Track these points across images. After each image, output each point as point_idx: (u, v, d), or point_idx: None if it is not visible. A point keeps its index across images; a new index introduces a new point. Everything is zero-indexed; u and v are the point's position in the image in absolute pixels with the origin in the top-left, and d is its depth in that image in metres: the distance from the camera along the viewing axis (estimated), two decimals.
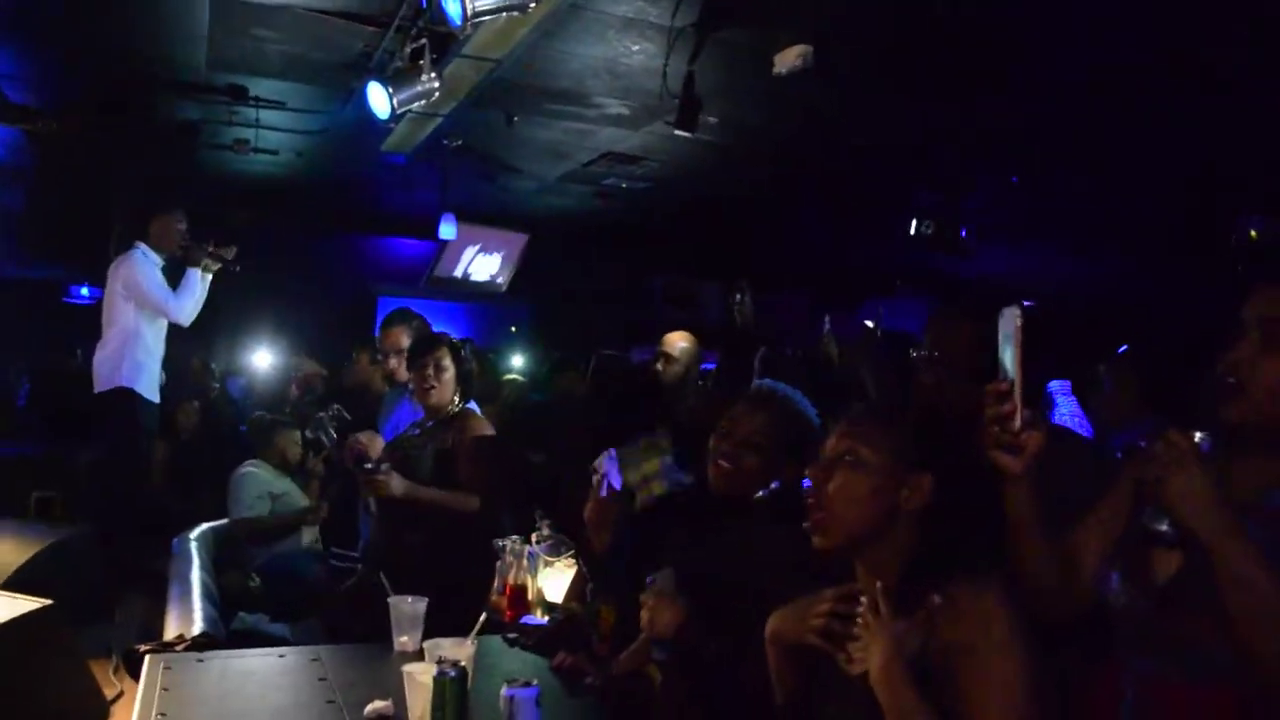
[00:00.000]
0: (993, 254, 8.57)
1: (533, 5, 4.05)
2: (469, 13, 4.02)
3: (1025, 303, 1.78)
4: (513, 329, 12.53)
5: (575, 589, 3.22)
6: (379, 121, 5.86)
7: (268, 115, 7.63)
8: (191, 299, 6.05)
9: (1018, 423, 1.74)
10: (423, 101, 5.30)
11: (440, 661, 2.15)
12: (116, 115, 7.78)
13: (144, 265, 6.00)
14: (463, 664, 2.13)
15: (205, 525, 5.84)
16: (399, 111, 5.26)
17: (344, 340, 10.71)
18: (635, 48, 5.97)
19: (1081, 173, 7.65)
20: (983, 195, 8.07)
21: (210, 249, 6.18)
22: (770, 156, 8.10)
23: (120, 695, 3.57)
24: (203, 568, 4.84)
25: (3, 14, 6.19)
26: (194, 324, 6.20)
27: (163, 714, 2.23)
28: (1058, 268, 10.60)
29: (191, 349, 11.79)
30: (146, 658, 2.62)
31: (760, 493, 2.39)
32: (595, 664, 2.65)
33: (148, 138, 8.17)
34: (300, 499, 5.78)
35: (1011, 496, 1.80)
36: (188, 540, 5.46)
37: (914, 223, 7.91)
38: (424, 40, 5.21)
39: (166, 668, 2.53)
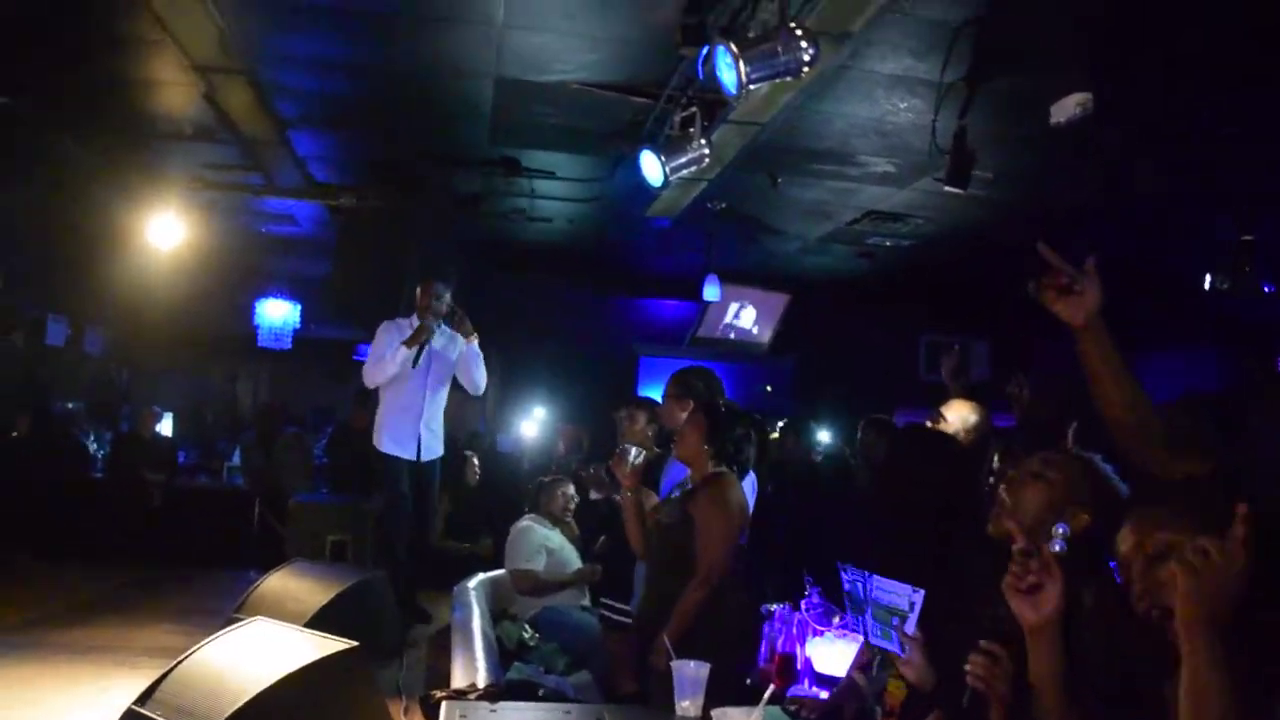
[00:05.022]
0: None
1: (805, 71, 4.06)
2: (744, 82, 4.08)
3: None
4: (768, 389, 12.52)
5: (860, 659, 3.12)
6: (649, 188, 6.05)
7: (541, 185, 8.05)
8: (378, 362, 6.28)
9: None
10: (693, 167, 5.42)
11: None
12: (408, 189, 8.43)
13: (383, 329, 6.41)
14: None
15: (482, 575, 6.12)
16: (671, 178, 5.41)
17: (607, 398, 11.09)
18: (903, 104, 5.91)
19: None
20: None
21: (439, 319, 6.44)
22: (1044, 207, 7.78)
23: None
24: (483, 617, 5.04)
25: (312, 104, 6.88)
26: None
27: None
28: None
29: (469, 407, 12.56)
30: (444, 704, 2.75)
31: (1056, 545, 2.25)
32: None
33: (436, 209, 8.79)
34: (573, 553, 5.96)
35: None
36: (467, 589, 5.74)
37: (1209, 277, 7.36)
38: (694, 109, 5.34)
39: (463, 716, 2.64)
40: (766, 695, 2.42)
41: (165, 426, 9.95)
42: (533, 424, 11.99)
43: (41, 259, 8.89)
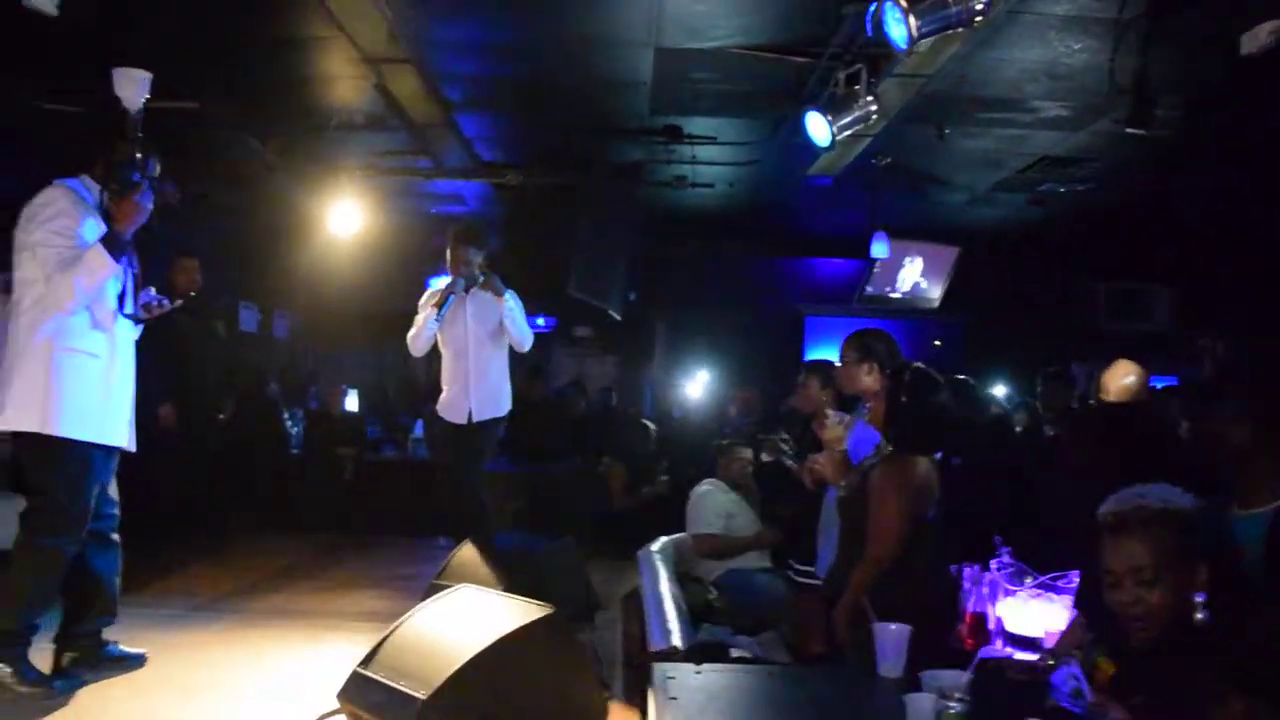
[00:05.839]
0: None
1: (978, 21, 3.95)
2: (914, 36, 4.00)
3: None
4: (936, 343, 12.24)
5: (1073, 635, 3.05)
6: (814, 148, 5.99)
7: (702, 151, 8.07)
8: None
9: None
10: (860, 125, 5.35)
11: (941, 694, 2.14)
12: (571, 164, 8.59)
13: (422, 301, 6.10)
14: (966, 697, 2.11)
15: (664, 539, 6.22)
16: (838, 137, 5.35)
17: (772, 361, 11.09)
18: (1077, 45, 5.68)
19: None
20: None
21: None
22: (1231, 144, 7.34)
23: (610, 696, 3.90)
24: (670, 580, 5.13)
25: (477, 87, 7.08)
26: (637, 348, 6.44)
27: None
28: None
29: (639, 373, 12.75)
30: (653, 666, 2.84)
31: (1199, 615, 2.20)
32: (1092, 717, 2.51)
33: (596, 181, 8.92)
34: (751, 517, 6.00)
35: None
36: (651, 553, 5.85)
37: None
38: (859, 66, 5.26)
39: (669, 677, 2.72)
40: (976, 660, 2.41)
41: (351, 403, 10.42)
42: (697, 387, 12.09)
43: (232, 250, 9.44)
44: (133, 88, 3.80)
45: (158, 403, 6.78)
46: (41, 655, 4.00)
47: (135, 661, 4.20)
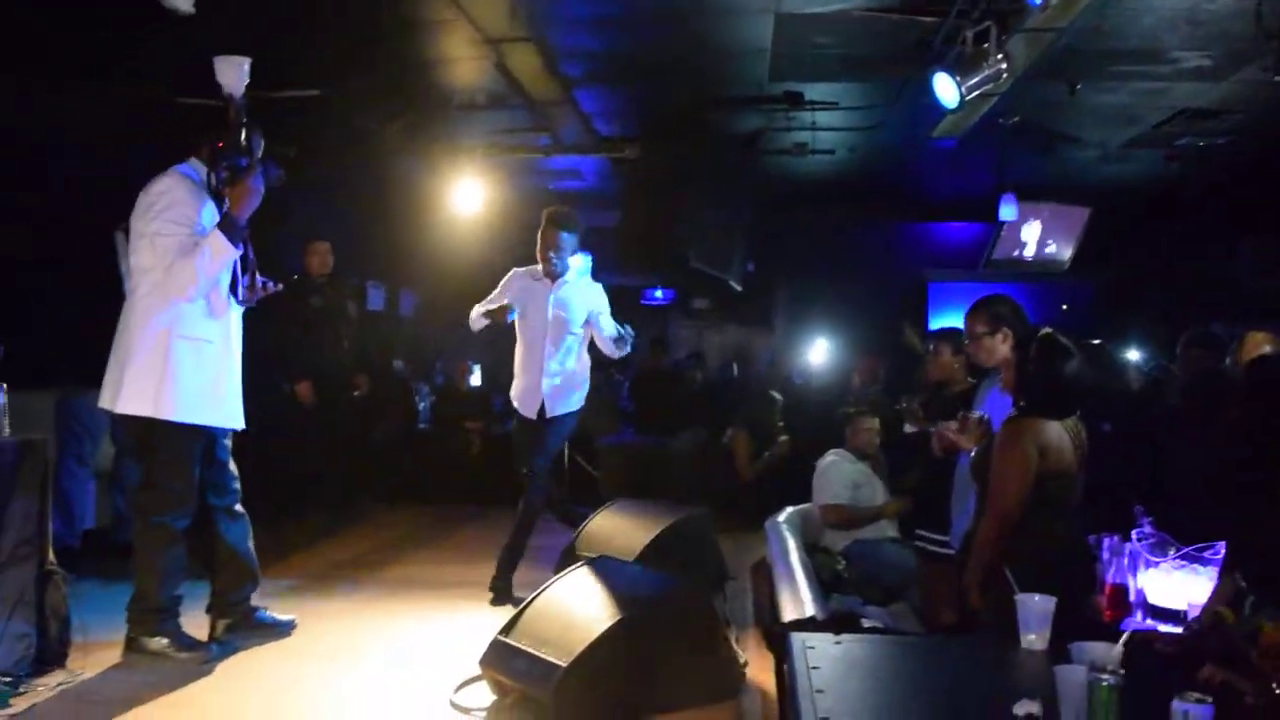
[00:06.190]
0: None
1: None
2: None
3: None
4: (1064, 307, 11.88)
5: (1224, 594, 2.96)
6: (941, 109, 5.85)
7: (822, 117, 7.96)
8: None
9: None
10: (989, 84, 5.20)
11: (1093, 667, 2.10)
12: (689, 135, 8.58)
13: (508, 277, 5.72)
14: (1120, 670, 2.07)
15: (790, 509, 6.21)
16: (967, 97, 5.21)
17: (895, 328, 10.90)
18: None
19: None
20: None
21: None
22: None
23: (745, 664, 3.92)
24: (799, 550, 5.13)
25: (595, 62, 7.11)
26: (756, 317, 6.43)
27: (820, 690, 2.40)
28: None
29: (755, 341, 12.71)
30: (790, 635, 2.84)
31: None
32: (1254, 683, 2.42)
33: (714, 152, 8.89)
34: (879, 488, 5.94)
35: None
36: (778, 523, 5.85)
37: None
38: (988, 23, 5.11)
39: (810, 647, 2.72)
40: (1127, 634, 2.35)
41: (475, 378, 10.65)
42: (818, 354, 11.99)
43: (359, 232, 9.71)
44: (234, 74, 3.86)
45: (296, 381, 7.05)
46: (199, 624, 4.22)
47: (285, 627, 4.39)
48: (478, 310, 5.46)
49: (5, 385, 3.84)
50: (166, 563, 4.00)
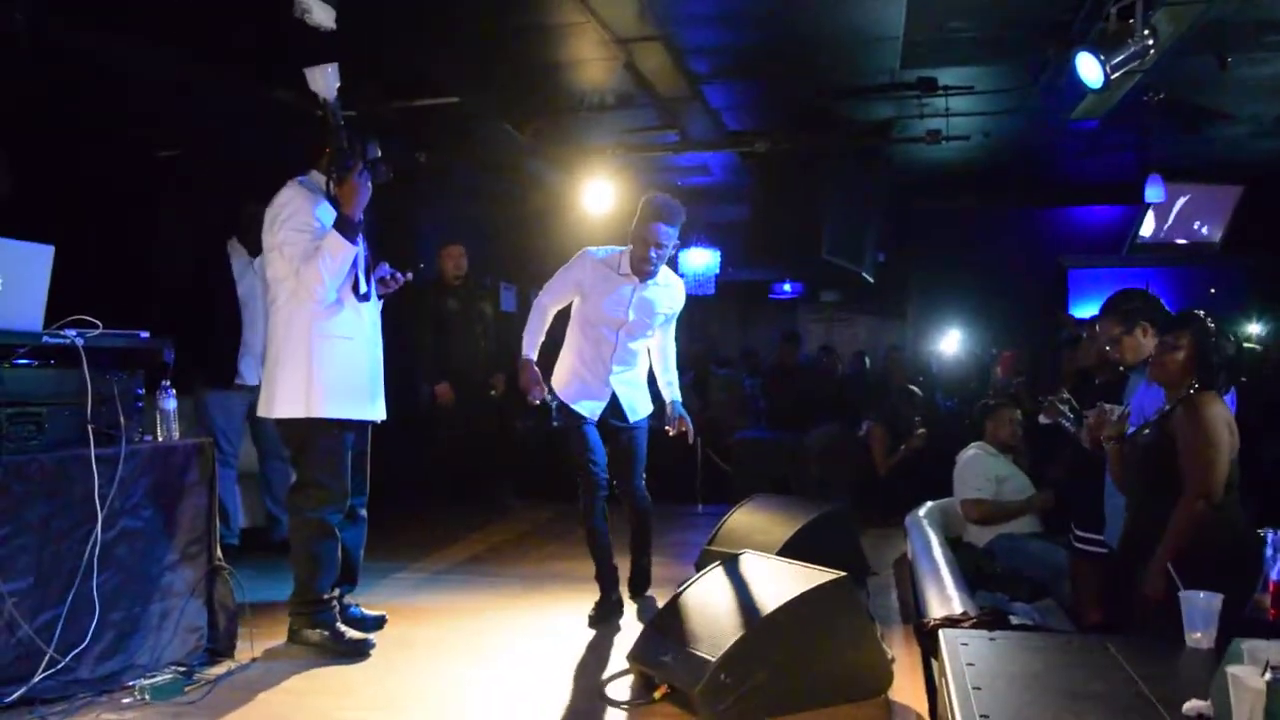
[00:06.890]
0: None
1: None
2: None
3: None
4: (1211, 291, 11.34)
5: None
6: (1082, 90, 5.67)
7: (956, 102, 7.79)
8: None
9: None
10: (1135, 61, 5.01)
11: (1269, 666, 2.02)
12: (818, 126, 8.50)
13: (574, 261, 5.08)
14: None
15: (931, 503, 6.12)
16: (1111, 76, 5.03)
17: (1034, 316, 10.60)
18: None
19: None
20: None
21: None
22: None
23: (893, 660, 3.88)
24: (942, 545, 5.06)
25: (723, 57, 7.11)
26: (888, 309, 6.33)
27: (976, 687, 2.38)
28: None
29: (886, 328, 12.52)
30: (940, 632, 2.82)
31: None
32: None
33: (844, 143, 8.79)
34: (1024, 480, 5.80)
35: None
36: (919, 518, 5.77)
37: None
38: None
39: (963, 643, 2.69)
40: None
41: None
42: (951, 343, 11.75)
43: (492, 234, 9.92)
44: (324, 80, 3.99)
45: (435, 383, 7.25)
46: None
47: (375, 623, 4.47)
48: (528, 344, 4.82)
49: (174, 390, 4.04)
50: (322, 557, 4.16)
